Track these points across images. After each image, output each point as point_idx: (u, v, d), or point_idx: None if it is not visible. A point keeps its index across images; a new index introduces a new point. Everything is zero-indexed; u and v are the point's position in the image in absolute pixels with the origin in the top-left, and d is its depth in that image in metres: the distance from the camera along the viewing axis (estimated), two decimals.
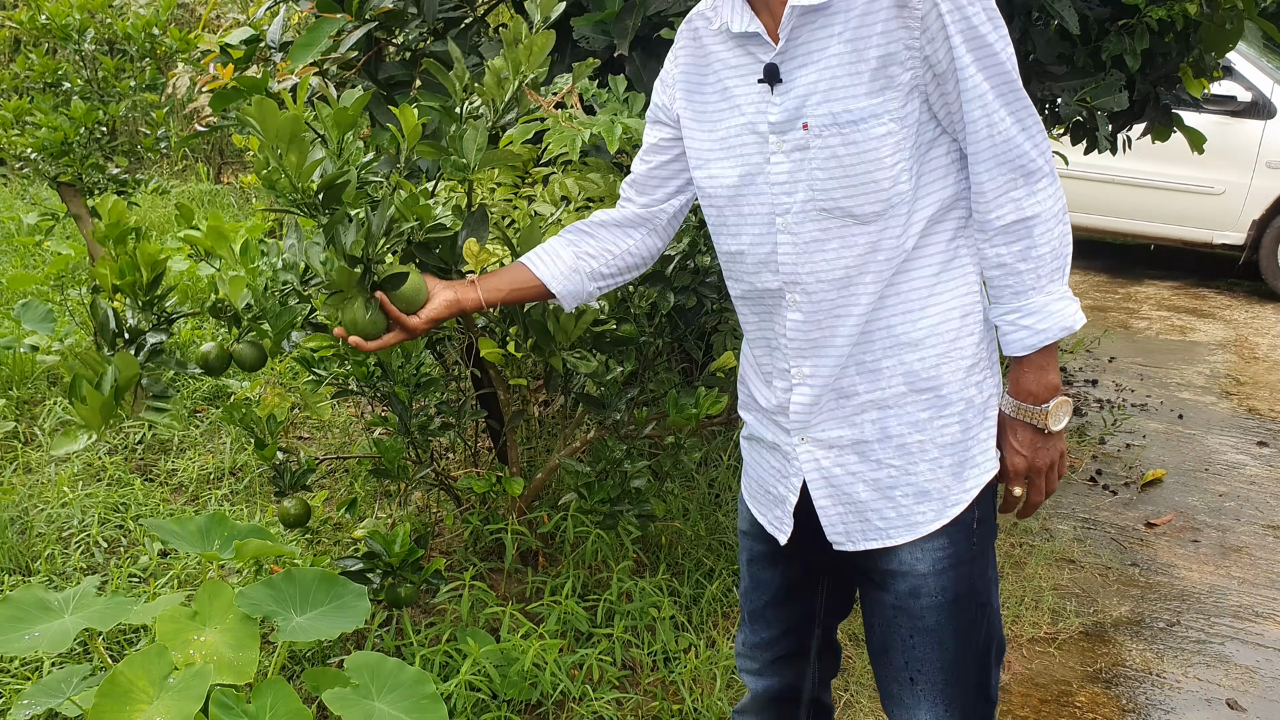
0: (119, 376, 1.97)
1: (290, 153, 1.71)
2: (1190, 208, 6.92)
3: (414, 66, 3.58)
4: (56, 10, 3.43)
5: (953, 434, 1.53)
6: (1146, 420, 4.76)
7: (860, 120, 1.42)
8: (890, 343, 1.51)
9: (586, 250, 1.76)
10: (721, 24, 1.52)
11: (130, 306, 2.11)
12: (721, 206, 1.58)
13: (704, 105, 1.59)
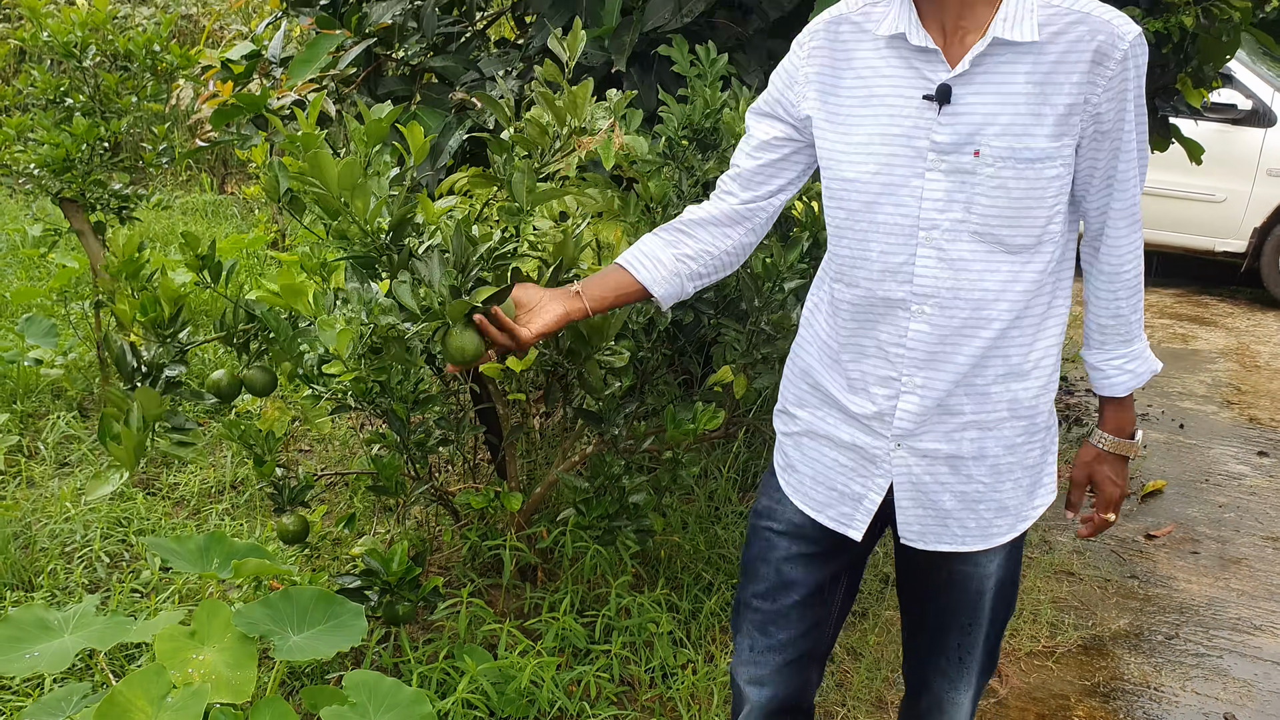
0: (145, 413, 1.98)
1: (355, 199, 1.73)
2: (1191, 215, 6.93)
3: (413, 81, 3.61)
4: (59, 28, 3.45)
5: (1035, 457, 1.66)
6: (1148, 430, 4.76)
7: (1037, 160, 1.48)
8: (1004, 370, 1.59)
9: (686, 252, 1.75)
10: (891, 32, 1.53)
11: (147, 340, 2.12)
12: (854, 210, 1.59)
13: (839, 107, 1.60)
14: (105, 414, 2.02)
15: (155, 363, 2.18)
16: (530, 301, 1.71)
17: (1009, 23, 1.45)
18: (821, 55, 1.62)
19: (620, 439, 2.54)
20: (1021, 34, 1.45)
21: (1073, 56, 1.45)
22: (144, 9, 9.09)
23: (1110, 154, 1.50)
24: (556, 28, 3.36)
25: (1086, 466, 1.71)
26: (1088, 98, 1.46)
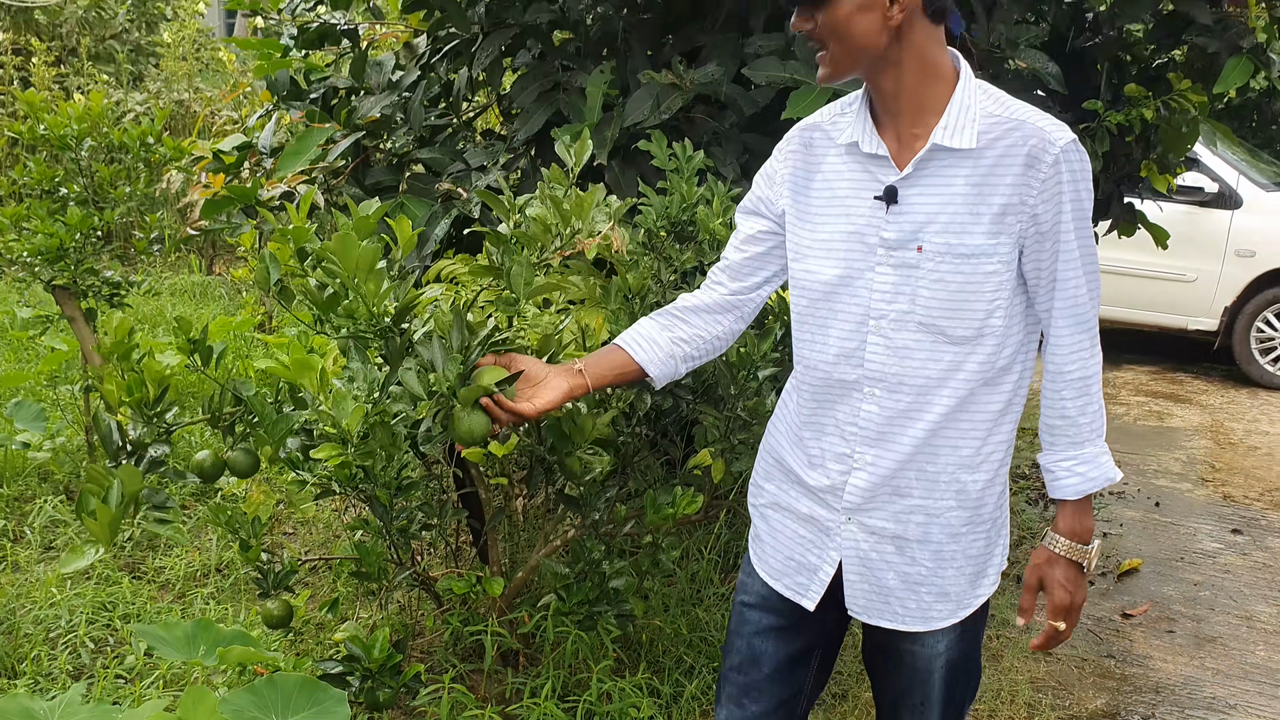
0: (125, 490, 2.03)
1: (368, 281, 1.82)
2: (1164, 294, 7.07)
3: (400, 172, 3.71)
4: (56, 122, 3.55)
5: (979, 547, 1.74)
6: (1124, 508, 4.82)
7: (973, 255, 1.59)
8: (954, 461, 1.68)
9: (681, 335, 1.87)
10: (849, 140, 1.67)
11: (133, 419, 2.18)
12: (815, 299, 1.73)
13: (808, 205, 1.74)
14: (85, 489, 2.07)
15: (140, 442, 2.23)
16: (534, 376, 1.82)
17: (949, 131, 1.59)
18: (795, 159, 1.77)
19: (601, 523, 2.59)
20: (961, 141, 1.58)
21: (1007, 160, 1.57)
22: (136, 95, 9.26)
23: (1051, 255, 1.59)
24: (541, 121, 3.48)
25: (1037, 570, 1.72)
26: (1023, 199, 1.57)
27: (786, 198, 1.78)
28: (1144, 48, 4.04)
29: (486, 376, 1.78)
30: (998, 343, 1.63)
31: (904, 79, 1.60)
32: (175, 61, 9.96)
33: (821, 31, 1.60)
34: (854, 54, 1.59)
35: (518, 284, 2.02)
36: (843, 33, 1.58)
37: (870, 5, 1.56)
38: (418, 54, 3.99)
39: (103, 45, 10.42)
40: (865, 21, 1.56)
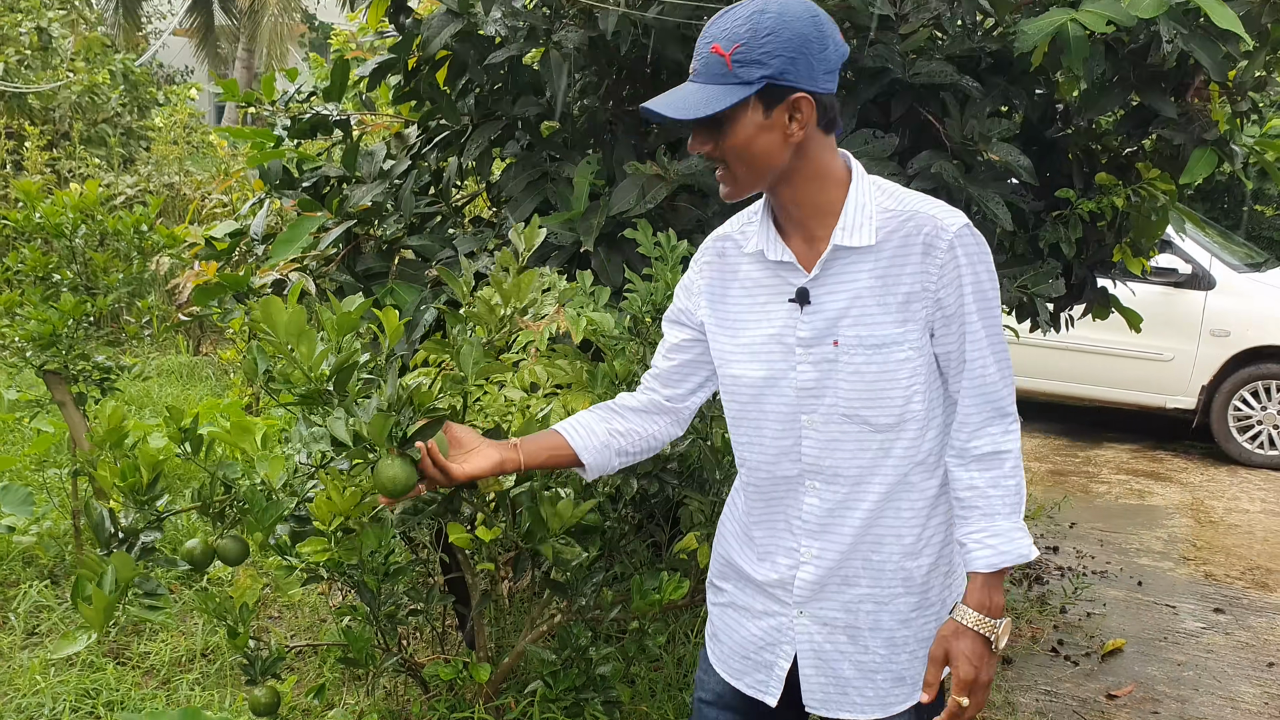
0: (118, 577, 2.06)
1: (300, 345, 1.87)
2: (1142, 374, 7.17)
3: (389, 258, 3.78)
4: (51, 210, 3.62)
5: (930, 630, 1.78)
6: (1107, 588, 4.85)
7: (885, 345, 1.66)
8: (898, 549, 1.74)
9: (617, 429, 1.92)
10: (754, 249, 1.75)
11: (125, 506, 2.21)
12: (744, 403, 1.80)
13: (728, 313, 1.81)
14: (80, 576, 2.09)
15: (132, 529, 2.26)
16: (467, 443, 1.86)
17: (847, 231, 1.67)
18: (710, 270, 1.85)
19: (588, 609, 2.61)
20: (859, 240, 1.66)
21: (905, 250, 1.65)
22: (127, 177, 9.38)
23: (958, 338, 1.67)
24: (530, 209, 3.56)
25: (944, 641, 1.70)
26: (924, 285, 1.65)
27: (704, 308, 1.85)
28: (1114, 138, 4.17)
29: (415, 427, 1.82)
30: (920, 426, 1.70)
31: (803, 188, 1.68)
32: (166, 145, 10.10)
33: (721, 153, 1.65)
34: (757, 172, 1.66)
35: (465, 363, 2.08)
36: (744, 154, 1.64)
37: (771, 125, 1.62)
38: (408, 144, 4.09)
39: (95, 129, 10.57)
40: (766, 141, 1.63)
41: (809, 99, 1.62)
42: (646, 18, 3.22)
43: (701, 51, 1.63)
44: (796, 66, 1.59)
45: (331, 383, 1.93)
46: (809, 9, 1.61)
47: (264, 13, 17.29)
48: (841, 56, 1.64)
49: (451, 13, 3.20)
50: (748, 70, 1.59)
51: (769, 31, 1.58)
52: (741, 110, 1.61)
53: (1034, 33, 3.16)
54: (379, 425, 1.81)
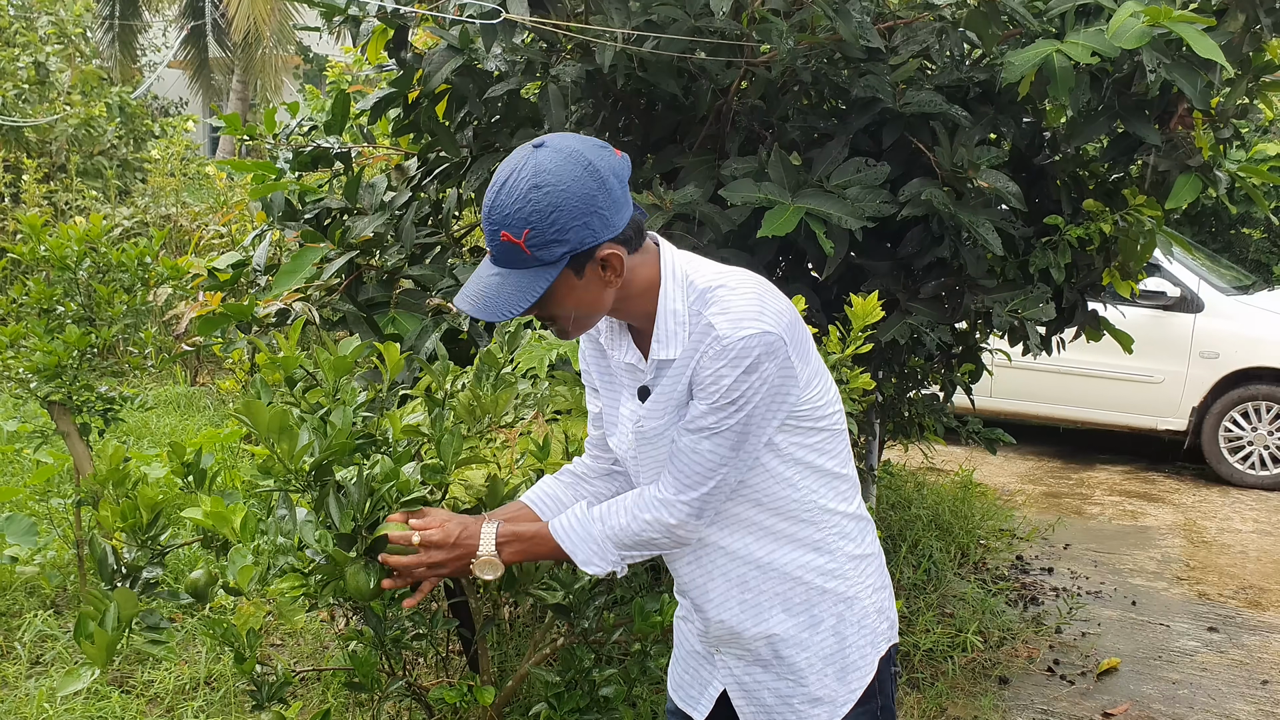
0: (120, 613, 2.10)
1: (282, 442, 1.92)
2: (1133, 396, 7.24)
3: (391, 288, 3.84)
4: (56, 243, 3.67)
5: (831, 645, 1.83)
6: (1101, 608, 4.90)
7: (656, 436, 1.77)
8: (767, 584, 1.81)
9: (585, 493, 1.98)
10: (606, 347, 1.84)
11: (128, 543, 2.25)
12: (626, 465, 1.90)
13: (609, 386, 1.89)
14: (82, 613, 2.13)
15: (134, 565, 2.30)
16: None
17: (661, 345, 1.72)
18: (590, 344, 1.91)
19: (591, 631, 2.66)
20: (671, 352, 1.71)
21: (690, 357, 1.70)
22: (124, 209, 9.44)
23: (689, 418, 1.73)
24: None
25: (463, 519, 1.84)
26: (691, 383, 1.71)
27: (594, 374, 1.92)
28: (1100, 164, 4.25)
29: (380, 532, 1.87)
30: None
31: (629, 308, 1.73)
32: (162, 177, 10.17)
33: (549, 316, 1.69)
34: (587, 320, 1.72)
35: (446, 453, 2.12)
36: (570, 313, 1.68)
37: (588, 283, 1.64)
38: (408, 176, 4.16)
39: (91, 161, 10.64)
40: (588, 296, 1.67)
41: (614, 249, 1.62)
42: (642, 52, 3.29)
43: (493, 240, 1.60)
44: (591, 228, 1.58)
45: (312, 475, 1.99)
46: (579, 161, 1.57)
47: (258, 45, 17.42)
48: (625, 176, 1.62)
49: (452, 48, 3.27)
50: (546, 251, 1.58)
51: (552, 209, 1.55)
52: (555, 283, 1.61)
53: (1020, 64, 3.24)
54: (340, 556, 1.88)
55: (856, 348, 2.81)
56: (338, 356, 2.14)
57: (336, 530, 1.91)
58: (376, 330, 3.67)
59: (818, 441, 1.78)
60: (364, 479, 1.96)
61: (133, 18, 18.19)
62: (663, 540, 1.77)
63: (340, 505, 1.93)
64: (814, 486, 1.80)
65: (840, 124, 3.71)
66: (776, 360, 1.65)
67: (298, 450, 1.95)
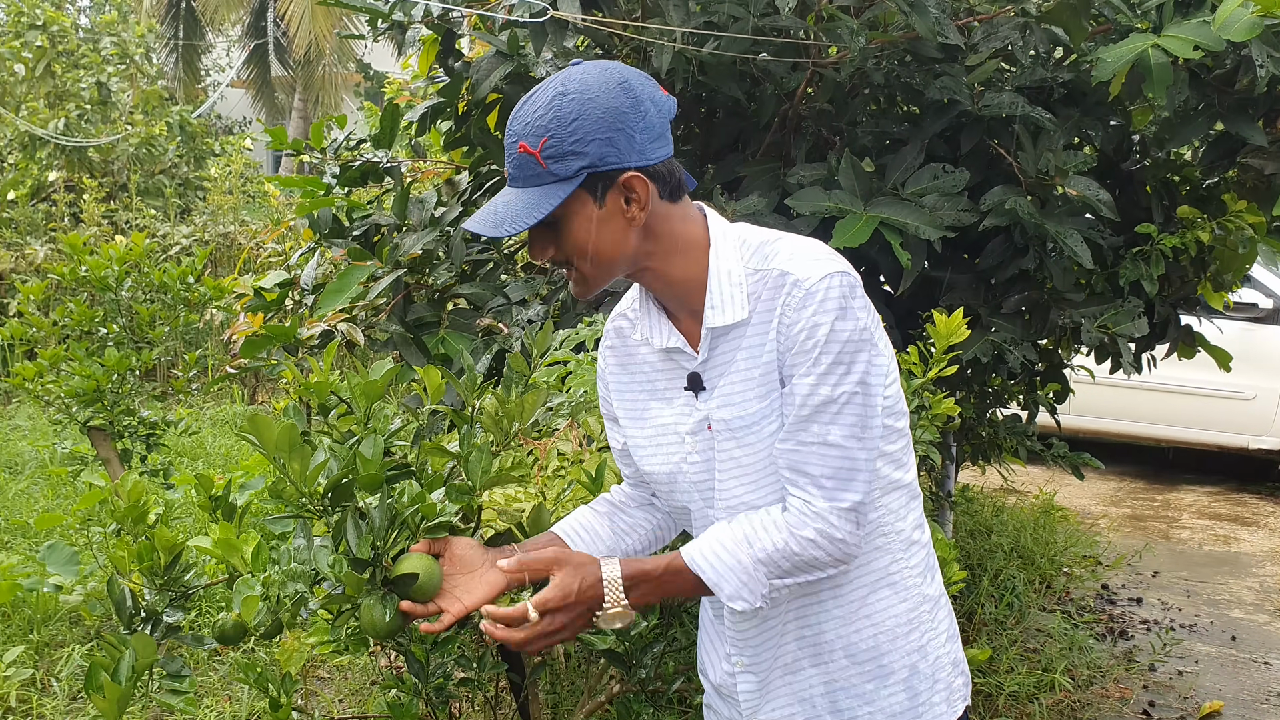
0: (136, 661, 1.93)
1: (292, 461, 1.72)
2: (1222, 413, 6.86)
3: (440, 307, 3.67)
4: (96, 264, 3.56)
5: (901, 702, 1.57)
6: (1198, 643, 4.57)
7: (752, 424, 1.49)
8: (832, 621, 1.56)
9: (622, 526, 1.77)
10: (642, 338, 1.60)
11: (147, 585, 2.09)
12: (665, 496, 1.65)
13: (634, 402, 1.64)
14: (94, 663, 1.97)
15: (152, 608, 2.14)
16: (468, 563, 1.64)
17: (716, 310, 1.49)
18: (613, 355, 1.67)
19: (649, 680, 2.44)
20: (729, 316, 1.49)
21: (768, 315, 1.47)
22: (183, 228, 9.45)
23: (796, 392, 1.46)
24: None
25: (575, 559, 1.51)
26: (779, 346, 1.47)
27: (614, 397, 1.67)
28: (1194, 169, 3.97)
29: (401, 566, 1.63)
30: None
31: (664, 269, 1.51)
32: (221, 195, 10.18)
33: (564, 255, 1.48)
34: (605, 267, 1.48)
35: (474, 473, 1.89)
36: (587, 251, 1.47)
37: (607, 215, 1.45)
38: (459, 190, 4.00)
39: (152, 180, 10.69)
40: (607, 233, 1.46)
41: (640, 176, 1.44)
42: (702, 54, 3.09)
43: (510, 153, 1.46)
44: (616, 146, 1.42)
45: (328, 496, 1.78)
46: (614, 76, 1.43)
47: (319, 63, 17.53)
48: (668, 114, 1.48)
49: (501, 54, 3.10)
50: (563, 165, 1.42)
51: (575, 117, 1.41)
52: (571, 207, 1.44)
53: (1113, 60, 2.98)
54: (352, 581, 1.64)
55: (940, 369, 2.57)
56: (368, 381, 1.95)
57: (354, 556, 1.70)
58: (425, 351, 3.51)
59: (896, 451, 1.56)
60: (386, 504, 1.76)
61: (196, 38, 18.43)
62: (827, 560, 1.47)
63: (358, 530, 1.73)
64: (891, 505, 1.57)
65: (914, 128, 3.48)
66: (864, 304, 1.45)
67: (311, 470, 1.75)
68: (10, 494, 5.58)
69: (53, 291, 6.73)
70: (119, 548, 1.95)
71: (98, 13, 15.23)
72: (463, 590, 1.62)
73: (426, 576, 1.62)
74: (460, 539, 1.68)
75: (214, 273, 8.59)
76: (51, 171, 10.13)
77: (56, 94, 10.73)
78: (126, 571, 2.05)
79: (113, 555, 1.97)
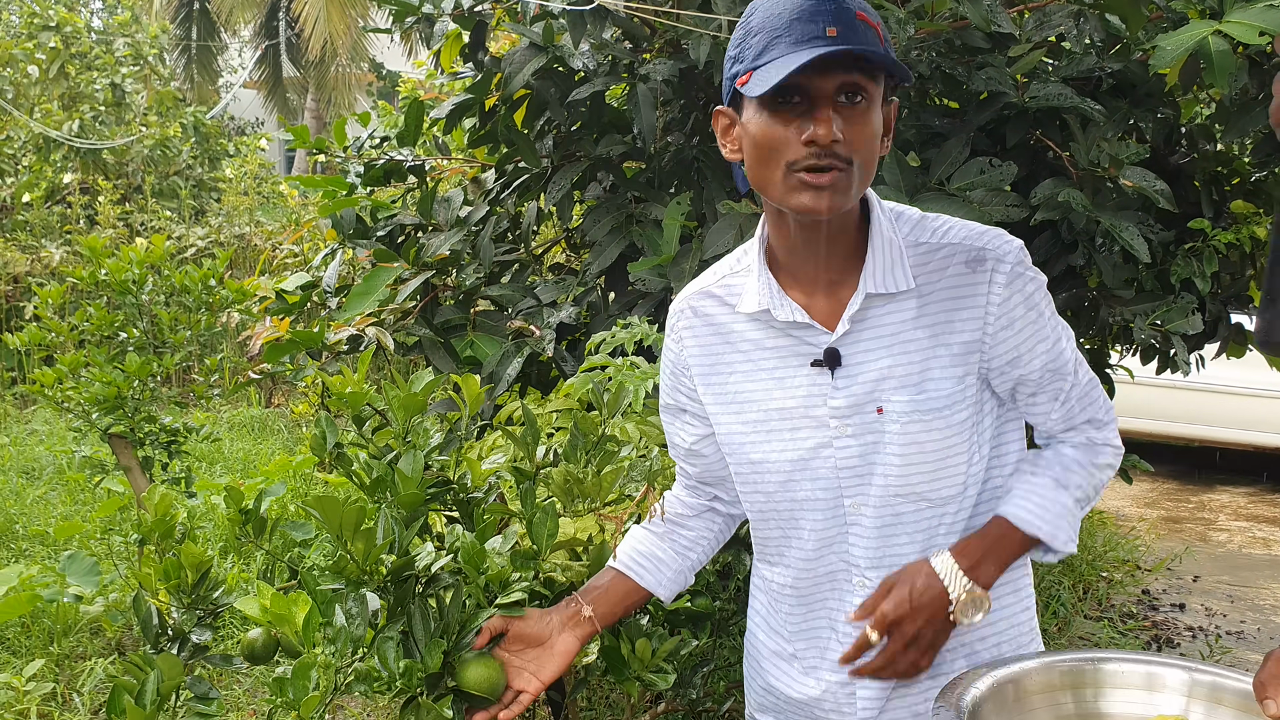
0: (162, 684, 1.83)
1: (356, 541, 1.61)
2: (1261, 412, 6.72)
3: (467, 309, 3.57)
4: (116, 267, 3.46)
5: None
6: (1247, 651, 4.44)
7: (944, 407, 1.38)
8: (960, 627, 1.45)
9: (683, 544, 1.65)
10: (755, 309, 1.44)
11: (174, 603, 1.99)
12: (772, 492, 1.49)
13: (725, 386, 1.50)
14: (117, 685, 1.87)
15: (180, 629, 2.04)
16: (536, 635, 1.54)
17: (880, 275, 1.38)
18: (693, 337, 1.53)
19: (700, 702, 2.33)
20: (896, 283, 1.37)
21: (956, 291, 1.37)
22: (198, 229, 9.37)
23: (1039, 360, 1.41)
24: (615, 254, 3.32)
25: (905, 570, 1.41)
26: (984, 329, 1.38)
27: (699, 385, 1.53)
28: (1244, 162, 3.84)
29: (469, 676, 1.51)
30: (977, 487, 1.45)
31: (838, 222, 1.38)
32: (237, 196, 10.10)
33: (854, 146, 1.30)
34: (866, 180, 1.34)
35: (540, 535, 1.75)
36: (871, 152, 1.33)
37: (882, 128, 1.35)
38: (485, 189, 3.89)
39: (167, 182, 10.62)
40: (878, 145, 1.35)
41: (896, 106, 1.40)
42: None
43: (841, 16, 1.28)
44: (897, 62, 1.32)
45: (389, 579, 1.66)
46: None
47: (331, 63, 17.45)
48: None
49: (535, 47, 2.99)
50: (891, 55, 1.32)
51: (877, 18, 1.32)
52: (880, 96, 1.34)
53: (1173, 48, 2.86)
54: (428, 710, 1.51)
55: None
56: (409, 394, 1.83)
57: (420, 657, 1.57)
58: (454, 355, 3.40)
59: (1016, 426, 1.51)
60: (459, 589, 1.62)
61: (210, 39, 18.38)
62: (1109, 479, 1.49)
63: (426, 626, 1.59)
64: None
65: (957, 121, 3.36)
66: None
67: (374, 550, 1.64)
68: (28, 500, 5.50)
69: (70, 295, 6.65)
70: (145, 564, 1.85)
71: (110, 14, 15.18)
72: (535, 666, 1.53)
73: (492, 686, 1.51)
74: (528, 616, 1.56)
75: (230, 274, 8.51)
76: (66, 174, 10.06)
77: (70, 96, 10.67)
78: (153, 589, 1.95)
79: (138, 573, 1.87)
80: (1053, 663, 1.33)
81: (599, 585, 1.61)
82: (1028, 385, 1.42)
